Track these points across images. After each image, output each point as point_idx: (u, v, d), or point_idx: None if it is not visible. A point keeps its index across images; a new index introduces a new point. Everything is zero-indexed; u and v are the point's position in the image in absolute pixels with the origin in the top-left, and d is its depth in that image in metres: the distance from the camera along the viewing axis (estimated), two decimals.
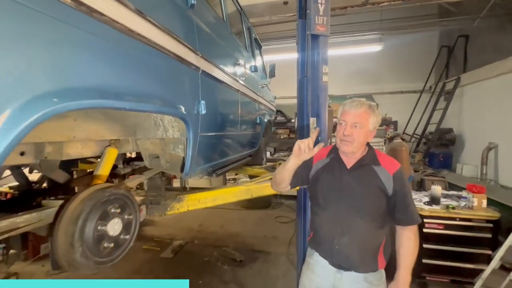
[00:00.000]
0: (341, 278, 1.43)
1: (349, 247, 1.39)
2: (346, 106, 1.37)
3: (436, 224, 3.19)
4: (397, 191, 1.35)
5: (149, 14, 1.04)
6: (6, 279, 3.46)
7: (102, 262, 1.03)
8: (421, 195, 3.72)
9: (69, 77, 0.70)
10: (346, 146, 1.35)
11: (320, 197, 1.48)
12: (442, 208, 3.24)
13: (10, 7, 0.54)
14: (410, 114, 7.03)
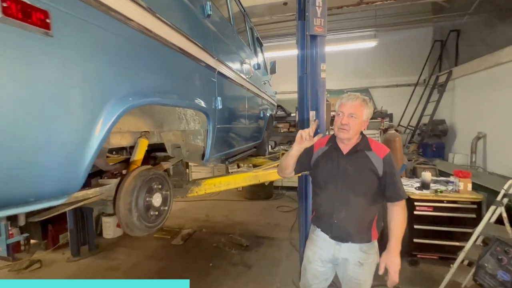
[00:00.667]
0: (339, 249, 1.64)
1: (346, 221, 1.58)
2: (344, 99, 1.57)
3: (426, 206, 3.50)
4: (386, 172, 1.54)
5: (181, 28, 1.30)
6: (29, 266, 3.72)
7: (149, 226, 1.30)
8: (413, 181, 4.02)
9: (136, 85, 0.96)
10: (343, 133, 1.55)
11: (320, 180, 1.67)
12: (431, 192, 3.54)
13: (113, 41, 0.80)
14: (405, 106, 7.29)
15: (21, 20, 0.58)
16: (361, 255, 1.63)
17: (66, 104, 0.73)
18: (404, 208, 1.60)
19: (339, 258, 1.66)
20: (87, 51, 0.78)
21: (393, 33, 6.87)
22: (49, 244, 4.17)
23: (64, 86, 0.71)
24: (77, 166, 0.75)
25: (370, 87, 7.78)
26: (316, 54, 2.86)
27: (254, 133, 3.18)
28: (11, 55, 0.59)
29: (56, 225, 4.22)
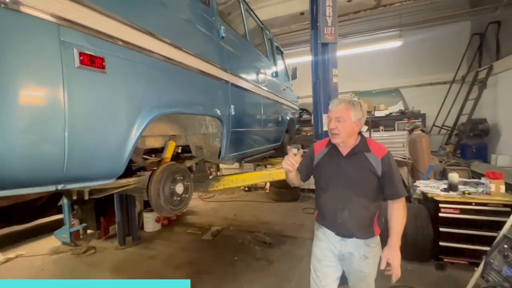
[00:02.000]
0: (345, 244, 1.68)
1: (349, 219, 1.62)
2: (331, 104, 1.64)
3: (452, 209, 3.37)
4: (385, 171, 1.58)
5: (198, 52, 1.66)
6: (86, 251, 4.41)
7: (174, 209, 1.66)
8: (441, 183, 3.88)
9: (160, 99, 1.33)
10: (334, 138, 1.61)
11: (322, 181, 1.73)
12: (458, 194, 3.41)
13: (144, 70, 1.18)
14: (440, 106, 6.90)
15: (89, 65, 0.96)
16: (366, 249, 1.67)
17: (116, 115, 1.11)
18: (404, 205, 1.63)
19: (345, 253, 1.70)
20: (127, 80, 1.15)
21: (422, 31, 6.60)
22: (101, 234, 4.89)
23: (114, 104, 1.09)
24: (121, 157, 1.12)
25: (401, 87, 7.51)
26: (328, 60, 3.04)
27: (272, 136, 3.45)
28: (84, 87, 0.97)
29: (107, 218, 4.92)
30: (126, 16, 1.17)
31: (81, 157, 0.96)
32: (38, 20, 0.84)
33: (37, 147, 0.84)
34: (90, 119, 0.99)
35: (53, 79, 0.86)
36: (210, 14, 2.05)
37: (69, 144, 0.90)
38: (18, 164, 0.81)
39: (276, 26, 5.32)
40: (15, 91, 0.79)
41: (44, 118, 0.85)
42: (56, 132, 0.87)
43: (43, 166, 0.87)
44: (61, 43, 0.89)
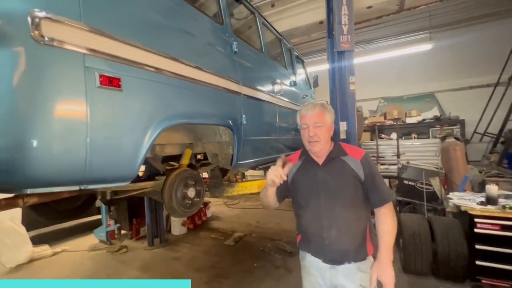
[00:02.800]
0: (336, 273, 1.44)
1: (338, 238, 1.41)
2: (303, 111, 1.48)
3: (490, 224, 3.06)
4: (367, 174, 1.42)
5: (210, 68, 1.83)
6: (119, 250, 4.79)
7: (185, 211, 1.81)
8: (477, 196, 3.53)
9: (170, 112, 1.51)
10: (315, 146, 1.43)
11: (300, 198, 1.53)
12: (498, 208, 3.09)
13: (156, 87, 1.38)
14: (482, 111, 6.30)
15: (107, 85, 1.15)
16: (362, 277, 1.44)
17: (130, 126, 1.29)
18: (392, 211, 1.44)
19: (338, 285, 1.46)
20: (140, 95, 1.34)
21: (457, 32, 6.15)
22: (133, 234, 5.29)
23: (128, 116, 1.27)
24: (134, 162, 1.29)
25: (436, 92, 7.02)
26: (344, 68, 3.05)
27: (289, 143, 3.49)
28: (103, 103, 1.16)
29: (139, 220, 5.32)
30: (139, 40, 1.37)
31: (100, 162, 1.14)
32: (69, 52, 1.05)
33: (64, 153, 1.03)
34: (108, 129, 1.17)
35: (78, 97, 1.06)
36: (224, 32, 2.22)
37: (90, 151, 1.09)
38: (49, 167, 1.00)
39: (297, 36, 5.41)
40: (48, 107, 1.00)
41: (70, 129, 1.05)
42: (80, 140, 1.06)
43: (69, 168, 1.06)
44: (85, 68, 1.09)
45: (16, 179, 0.93)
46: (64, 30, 1.03)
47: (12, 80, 0.92)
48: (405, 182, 4.52)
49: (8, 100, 0.92)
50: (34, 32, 0.94)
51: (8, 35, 0.92)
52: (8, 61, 0.92)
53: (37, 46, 0.96)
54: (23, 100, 0.94)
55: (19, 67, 0.93)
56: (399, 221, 3.73)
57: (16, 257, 4.18)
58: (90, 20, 1.12)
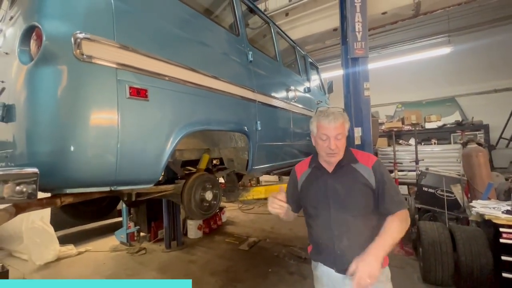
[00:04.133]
0: (350, 284, 1.31)
1: (350, 248, 1.35)
2: (323, 121, 1.38)
3: None
4: (379, 181, 1.37)
5: (226, 77, 1.94)
6: (139, 251, 4.97)
7: (202, 213, 1.90)
8: (503, 204, 3.37)
9: (191, 119, 1.62)
10: (334, 158, 1.39)
11: (310, 207, 1.49)
12: None
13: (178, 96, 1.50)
14: (509, 115, 6.01)
15: (136, 96, 1.27)
16: (377, 285, 1.32)
17: (154, 133, 1.41)
18: (403, 218, 1.34)
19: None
20: (163, 104, 1.46)
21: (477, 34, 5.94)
22: (151, 237, 5.47)
23: (154, 123, 1.39)
24: (158, 166, 1.40)
25: (457, 96, 6.79)
26: (359, 74, 3.08)
27: (302, 148, 3.52)
28: (132, 112, 1.29)
29: (157, 223, 5.50)
30: (162, 53, 1.50)
31: (128, 165, 1.25)
32: (104, 67, 1.18)
33: (98, 157, 1.16)
34: (135, 136, 1.29)
35: (111, 107, 1.19)
36: (240, 42, 2.33)
37: (120, 155, 1.20)
38: (85, 169, 1.12)
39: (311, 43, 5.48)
40: (86, 116, 1.13)
41: (104, 136, 1.17)
42: (111, 145, 1.18)
43: (102, 171, 1.18)
44: (117, 81, 1.22)
45: (58, 180, 1.05)
46: (100, 48, 1.16)
47: (56, 94, 1.06)
48: (425, 189, 4.38)
49: (53, 111, 1.06)
50: (76, 51, 1.08)
51: (54, 54, 1.06)
52: (53, 77, 1.06)
53: (78, 63, 1.09)
54: (65, 111, 1.07)
55: (63, 82, 1.07)
56: (418, 229, 3.63)
57: (44, 255, 4.45)
58: (121, 38, 1.26)
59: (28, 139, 1.06)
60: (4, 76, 1.23)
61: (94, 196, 1.53)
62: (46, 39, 1.04)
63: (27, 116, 1.07)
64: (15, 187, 0.89)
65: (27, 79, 1.07)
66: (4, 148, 1.15)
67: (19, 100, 1.10)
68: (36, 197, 0.94)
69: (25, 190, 0.90)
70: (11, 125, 1.11)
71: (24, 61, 1.09)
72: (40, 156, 1.03)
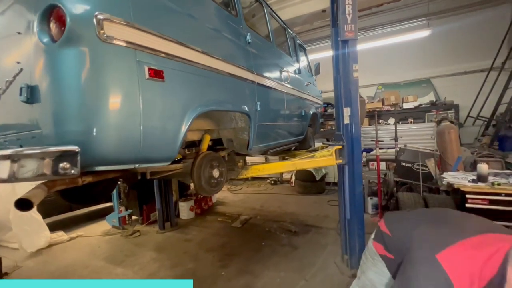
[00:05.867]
0: None
1: None
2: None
3: (480, 199, 3.34)
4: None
5: (229, 59, 1.98)
6: (133, 234, 5.03)
7: (211, 189, 2.02)
8: (469, 175, 3.82)
9: (202, 99, 1.68)
10: None
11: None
12: (488, 185, 3.37)
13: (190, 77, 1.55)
14: (475, 96, 6.54)
15: (154, 77, 1.31)
16: None
17: (171, 113, 1.47)
18: None
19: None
20: (178, 85, 1.51)
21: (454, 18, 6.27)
22: (144, 220, 5.53)
23: (170, 104, 1.45)
24: (175, 144, 1.48)
25: (432, 77, 7.22)
26: (348, 56, 3.20)
27: (295, 129, 3.69)
28: (151, 93, 1.33)
29: (149, 206, 5.55)
30: (175, 35, 1.52)
31: (150, 144, 1.32)
32: (124, 48, 1.20)
33: (124, 136, 1.21)
34: (155, 116, 1.35)
35: (133, 88, 1.23)
36: (238, 23, 2.35)
37: (143, 134, 1.26)
38: (113, 148, 1.18)
39: (299, 24, 5.50)
40: (112, 97, 1.17)
41: (128, 116, 1.22)
42: (135, 125, 1.24)
43: (128, 149, 1.24)
44: (136, 62, 1.25)
45: (89, 158, 1.10)
46: (120, 29, 1.18)
47: (83, 74, 1.08)
48: (403, 164, 4.80)
49: (81, 92, 1.09)
50: (99, 32, 1.10)
51: (78, 35, 1.07)
52: (79, 58, 1.08)
53: (101, 44, 1.11)
54: (92, 92, 1.10)
55: (88, 63, 1.09)
56: (397, 199, 4.02)
57: (35, 242, 4.39)
58: (138, 19, 1.27)
59: (57, 120, 1.09)
60: (19, 57, 1.21)
61: (109, 176, 1.58)
62: (70, 20, 1.04)
63: (55, 97, 1.08)
64: (58, 164, 0.94)
65: (52, 61, 1.08)
66: (31, 129, 1.16)
67: (44, 81, 1.10)
68: (78, 173, 1.00)
69: (68, 166, 0.96)
70: (37, 106, 1.12)
71: (46, 42, 1.08)
72: (70, 136, 1.07)
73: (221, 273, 3.43)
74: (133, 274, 3.52)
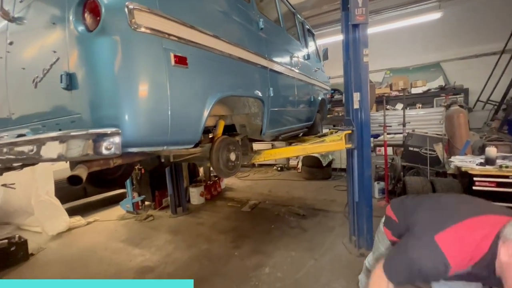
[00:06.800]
0: None
1: None
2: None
3: (487, 182, 3.40)
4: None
5: (244, 45, 2.03)
6: (147, 218, 5.24)
7: (229, 172, 2.12)
8: (477, 158, 3.85)
9: (222, 85, 1.75)
10: None
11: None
12: (495, 168, 3.41)
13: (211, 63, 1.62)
14: (486, 79, 6.43)
15: (179, 63, 1.38)
16: None
17: (195, 97, 1.55)
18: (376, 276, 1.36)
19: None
20: (200, 71, 1.57)
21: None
22: (156, 205, 5.75)
23: (194, 89, 1.52)
24: (198, 128, 1.56)
25: (442, 61, 7.09)
26: (359, 40, 3.20)
27: (304, 115, 3.74)
28: (177, 78, 1.41)
29: (161, 192, 5.75)
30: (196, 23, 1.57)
31: (177, 127, 1.41)
32: (152, 36, 1.27)
33: (154, 120, 1.30)
34: (181, 101, 1.43)
35: (161, 74, 1.31)
36: (251, 9, 2.37)
37: (171, 118, 1.35)
38: (145, 131, 1.27)
39: (308, 9, 5.40)
40: (141, 83, 1.25)
41: (158, 100, 1.31)
42: (164, 109, 1.32)
43: (158, 132, 1.33)
44: (163, 49, 1.32)
45: (124, 140, 1.19)
46: (148, 17, 1.24)
47: (116, 62, 1.16)
48: (410, 149, 4.84)
49: (115, 79, 1.16)
50: (131, 21, 1.16)
51: (113, 25, 1.14)
52: (114, 46, 1.15)
53: (132, 32, 1.18)
54: (125, 78, 1.18)
55: (122, 51, 1.16)
56: (404, 183, 4.10)
57: (56, 226, 4.63)
58: (163, 7, 1.33)
59: (94, 105, 1.17)
60: (55, 46, 1.28)
61: (135, 159, 1.69)
62: (105, 10, 1.10)
63: (92, 84, 1.16)
64: (102, 144, 1.04)
65: (88, 49, 1.15)
66: (70, 114, 1.26)
67: (81, 69, 1.18)
68: (120, 153, 1.10)
69: (111, 147, 1.06)
70: (75, 93, 1.20)
71: (81, 32, 1.15)
72: (106, 120, 1.16)
73: (234, 253, 3.60)
74: (150, 255, 3.72)
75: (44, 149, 1.15)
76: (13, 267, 3.57)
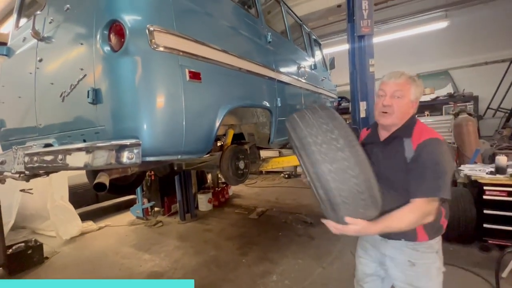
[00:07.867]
0: (386, 245, 1.40)
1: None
2: (386, 77, 1.31)
3: (498, 191, 3.36)
4: (414, 160, 1.23)
5: (253, 59, 2.14)
6: (156, 224, 5.34)
7: (238, 180, 2.20)
8: (487, 167, 3.81)
9: (232, 96, 1.85)
10: (385, 118, 1.28)
11: None
12: (506, 177, 3.37)
13: (221, 77, 1.73)
14: (497, 87, 6.37)
15: (193, 79, 1.49)
16: (412, 253, 1.32)
17: (207, 110, 1.65)
18: (418, 211, 1.18)
19: (386, 255, 1.41)
20: (212, 85, 1.68)
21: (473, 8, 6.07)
22: (165, 211, 5.85)
23: (206, 102, 1.63)
24: (210, 138, 1.65)
25: (450, 69, 7.06)
26: (364, 51, 3.28)
27: None
28: (191, 93, 1.51)
29: (170, 198, 5.85)
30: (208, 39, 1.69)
31: (190, 138, 1.50)
32: (169, 54, 1.38)
33: (171, 131, 1.40)
34: (195, 113, 1.53)
35: (178, 89, 1.41)
36: (259, 24, 2.49)
37: (185, 129, 1.45)
38: (162, 141, 1.37)
39: (314, 20, 5.53)
40: (159, 98, 1.35)
41: (174, 113, 1.41)
42: (179, 122, 1.42)
43: (173, 142, 1.42)
44: (179, 66, 1.43)
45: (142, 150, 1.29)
46: (166, 37, 1.35)
47: (137, 79, 1.27)
48: None
49: (137, 94, 1.28)
50: (151, 41, 1.28)
51: (136, 45, 1.26)
52: (136, 65, 1.27)
53: (152, 51, 1.30)
54: (147, 93, 1.29)
55: (143, 69, 1.28)
56: None
57: (69, 230, 4.77)
58: (180, 27, 1.44)
59: (117, 118, 1.28)
60: (82, 64, 1.41)
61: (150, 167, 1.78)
62: (129, 33, 1.23)
63: (115, 99, 1.28)
64: (124, 154, 1.14)
65: (113, 68, 1.27)
66: (95, 125, 1.37)
67: (105, 85, 1.30)
68: (140, 162, 1.19)
69: (132, 156, 1.15)
70: (100, 106, 1.32)
71: (107, 52, 1.28)
72: (127, 131, 1.27)
73: (242, 260, 3.64)
74: (160, 260, 3.80)
75: (71, 158, 1.26)
76: (29, 269, 3.71)
